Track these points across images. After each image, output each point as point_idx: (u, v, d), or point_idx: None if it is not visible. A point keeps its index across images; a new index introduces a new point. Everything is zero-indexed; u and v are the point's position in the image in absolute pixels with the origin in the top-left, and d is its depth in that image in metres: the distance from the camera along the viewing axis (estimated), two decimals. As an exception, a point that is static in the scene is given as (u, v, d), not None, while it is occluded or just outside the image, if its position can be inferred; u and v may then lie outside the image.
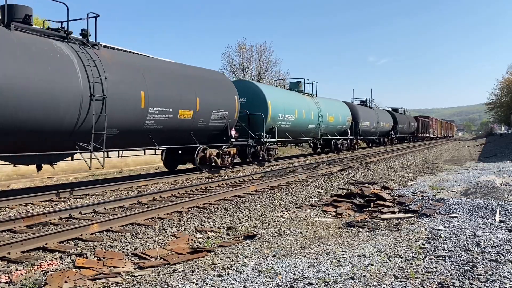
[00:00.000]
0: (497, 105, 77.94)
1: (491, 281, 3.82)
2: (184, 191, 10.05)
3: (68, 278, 4.11)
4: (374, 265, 4.47)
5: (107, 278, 4.19)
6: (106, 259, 4.83)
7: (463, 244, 5.08)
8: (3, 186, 12.58)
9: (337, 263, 4.55)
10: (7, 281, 4.19)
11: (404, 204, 7.90)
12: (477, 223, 6.19)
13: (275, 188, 10.51)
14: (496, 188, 9.03)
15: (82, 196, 9.52)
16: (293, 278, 4.09)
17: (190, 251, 5.16)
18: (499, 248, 4.79)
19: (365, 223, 6.73)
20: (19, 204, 8.41)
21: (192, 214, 7.42)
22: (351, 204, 8.19)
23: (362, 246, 5.25)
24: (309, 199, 9.22)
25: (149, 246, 5.47)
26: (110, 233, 6.13)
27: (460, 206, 7.15)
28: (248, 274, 4.23)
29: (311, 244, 5.44)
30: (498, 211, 6.66)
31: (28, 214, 7.25)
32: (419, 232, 5.98)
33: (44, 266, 4.65)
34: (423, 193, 9.11)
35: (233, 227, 6.54)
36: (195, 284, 3.97)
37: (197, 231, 6.32)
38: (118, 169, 18.00)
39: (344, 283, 3.95)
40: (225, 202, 8.62)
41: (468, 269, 4.14)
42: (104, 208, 7.92)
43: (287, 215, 7.61)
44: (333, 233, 6.17)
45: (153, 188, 10.78)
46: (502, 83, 74.71)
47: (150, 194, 9.24)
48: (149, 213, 7.21)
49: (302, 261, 4.65)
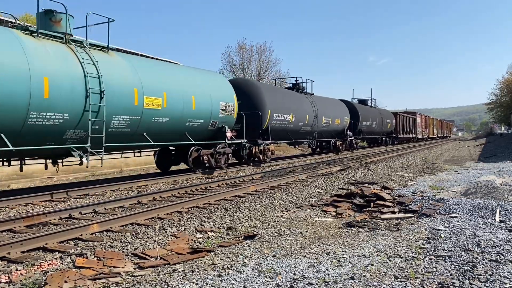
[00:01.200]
0: (497, 105, 77.95)
1: (491, 281, 3.82)
2: (184, 191, 10.05)
3: (68, 278, 4.11)
4: (374, 265, 4.47)
5: (107, 278, 4.19)
6: (106, 259, 4.83)
7: (463, 244, 5.08)
8: (3, 186, 12.59)
9: (337, 263, 4.55)
10: (7, 281, 4.19)
11: (404, 204, 7.90)
12: (477, 223, 6.19)
13: (275, 188, 10.51)
14: (496, 188, 9.03)
15: (82, 196, 9.52)
16: (293, 278, 4.09)
17: (190, 251, 5.16)
18: (499, 248, 4.79)
19: (365, 223, 6.73)
20: (19, 204, 8.41)
21: (192, 214, 7.42)
22: (351, 204, 8.19)
23: (362, 246, 5.25)
24: (309, 199, 9.22)
25: (149, 246, 5.47)
26: (110, 233, 6.13)
27: (460, 206, 7.15)
28: (248, 274, 4.23)
29: (311, 244, 5.44)
30: (498, 211, 6.67)
31: (28, 214, 7.25)
32: (419, 232, 5.98)
33: (44, 266, 4.65)
34: (423, 193, 9.11)
35: (233, 227, 6.54)
36: (195, 284, 3.97)
37: (197, 231, 6.32)
38: (118, 169, 18.00)
39: (344, 283, 3.95)
40: (225, 202, 8.62)
41: (468, 269, 4.14)
42: (104, 208, 7.92)
43: (287, 215, 7.61)
44: (333, 233, 6.17)
45: (153, 188, 10.79)
46: (502, 83, 74.75)
47: (150, 194, 9.24)
48: (149, 213, 7.21)
49: (302, 261, 4.65)
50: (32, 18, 40.11)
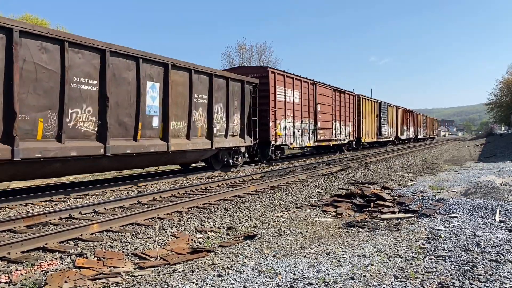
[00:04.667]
0: (497, 105, 77.99)
1: (491, 281, 3.82)
2: (184, 191, 10.05)
3: (68, 278, 4.11)
4: (374, 265, 4.47)
5: (107, 278, 4.19)
6: (106, 259, 4.83)
7: (463, 244, 5.08)
8: (3, 186, 12.58)
9: (337, 263, 4.55)
10: (7, 281, 4.19)
11: (404, 204, 7.90)
12: (477, 223, 6.19)
13: (275, 188, 10.51)
14: (496, 188, 9.02)
15: (82, 196, 9.52)
16: (293, 278, 4.09)
17: (190, 251, 5.16)
18: (499, 248, 4.79)
19: (365, 223, 6.73)
20: (19, 204, 8.41)
21: (192, 214, 7.42)
22: (351, 204, 8.19)
23: (362, 246, 5.25)
24: (309, 199, 9.22)
25: (149, 246, 5.47)
26: (110, 233, 6.13)
27: (460, 206, 7.15)
28: (248, 274, 4.23)
29: (311, 244, 5.44)
30: (498, 211, 6.66)
31: (28, 214, 7.24)
32: (419, 232, 5.98)
33: (44, 266, 4.65)
34: (423, 193, 9.11)
35: (233, 227, 6.54)
36: (195, 284, 3.97)
37: (197, 231, 6.32)
38: (118, 169, 17.97)
39: (344, 283, 3.95)
40: (225, 202, 8.63)
41: (468, 269, 4.14)
42: (104, 208, 7.92)
43: (287, 215, 7.61)
44: (333, 233, 6.17)
45: (153, 188, 10.79)
46: (502, 83, 74.81)
47: (150, 194, 9.24)
48: (149, 213, 7.21)
49: (302, 261, 4.65)
50: (33, 18, 40.05)
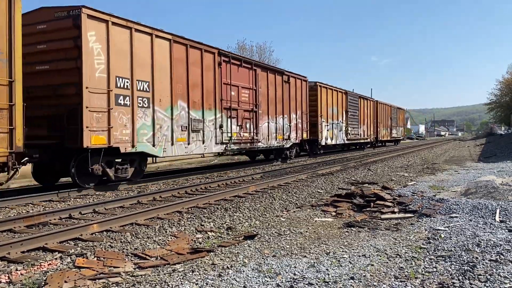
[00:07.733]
0: (497, 105, 77.91)
1: (491, 281, 3.82)
2: (184, 191, 10.05)
3: (68, 278, 4.11)
4: (374, 265, 4.47)
5: (107, 278, 4.19)
6: (106, 259, 4.83)
7: (463, 244, 5.08)
8: (3, 186, 12.56)
9: (337, 263, 4.55)
10: (7, 281, 4.19)
11: (404, 204, 7.90)
12: (477, 223, 6.19)
13: (275, 188, 10.51)
14: (496, 188, 9.02)
15: (82, 196, 9.52)
16: (293, 278, 4.09)
17: (190, 251, 5.16)
18: (499, 248, 4.79)
19: (365, 223, 6.72)
20: (19, 204, 8.41)
21: (192, 214, 7.42)
22: (351, 204, 8.19)
23: (362, 246, 5.25)
24: (309, 199, 9.22)
25: (149, 246, 5.47)
26: (110, 233, 6.13)
27: (460, 206, 7.15)
28: (248, 274, 4.22)
29: (311, 244, 5.44)
30: (498, 211, 6.66)
31: (28, 214, 7.25)
32: (419, 232, 5.98)
33: (44, 266, 4.65)
34: (423, 193, 9.11)
35: (233, 227, 6.53)
36: (195, 284, 3.97)
37: (197, 231, 6.32)
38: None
39: (344, 283, 3.95)
40: (225, 202, 8.63)
41: (468, 269, 4.14)
42: (104, 208, 7.92)
43: (287, 215, 7.61)
44: (333, 233, 6.17)
45: (153, 188, 10.79)
46: (502, 83, 74.72)
47: (150, 194, 9.24)
48: (149, 213, 7.21)
49: (302, 261, 4.65)
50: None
